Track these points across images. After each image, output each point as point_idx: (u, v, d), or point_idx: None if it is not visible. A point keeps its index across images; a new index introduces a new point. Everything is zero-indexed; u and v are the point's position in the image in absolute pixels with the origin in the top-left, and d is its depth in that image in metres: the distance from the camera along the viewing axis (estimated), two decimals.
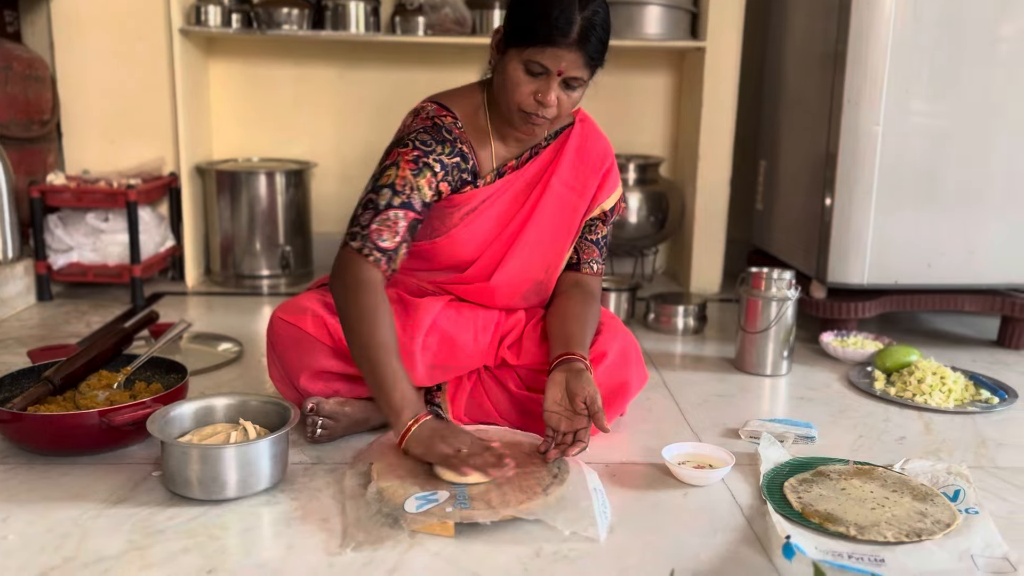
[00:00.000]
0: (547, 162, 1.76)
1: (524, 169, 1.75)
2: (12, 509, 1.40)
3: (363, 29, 2.94)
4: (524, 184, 1.75)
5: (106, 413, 1.55)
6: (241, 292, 2.99)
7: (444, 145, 1.64)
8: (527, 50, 1.55)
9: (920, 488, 1.52)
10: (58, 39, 2.91)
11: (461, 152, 1.67)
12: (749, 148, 3.14)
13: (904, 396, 2.03)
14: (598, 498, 1.44)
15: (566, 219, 1.78)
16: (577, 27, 1.52)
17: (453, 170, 1.66)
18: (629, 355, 1.77)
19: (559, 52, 1.53)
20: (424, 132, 1.64)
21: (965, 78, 2.30)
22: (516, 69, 1.57)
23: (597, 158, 1.79)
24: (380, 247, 1.56)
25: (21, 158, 2.72)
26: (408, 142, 1.63)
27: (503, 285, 1.77)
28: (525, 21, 1.55)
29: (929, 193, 2.36)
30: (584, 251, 1.83)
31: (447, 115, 1.68)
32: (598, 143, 1.81)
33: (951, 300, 2.46)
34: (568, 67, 1.55)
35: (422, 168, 1.61)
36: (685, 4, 2.99)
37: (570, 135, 1.78)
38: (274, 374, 1.78)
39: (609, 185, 1.81)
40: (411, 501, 1.39)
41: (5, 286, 2.59)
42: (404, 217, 1.58)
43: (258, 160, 3.20)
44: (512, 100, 1.60)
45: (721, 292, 3.10)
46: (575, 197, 1.77)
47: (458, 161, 1.66)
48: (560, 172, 1.75)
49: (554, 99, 1.58)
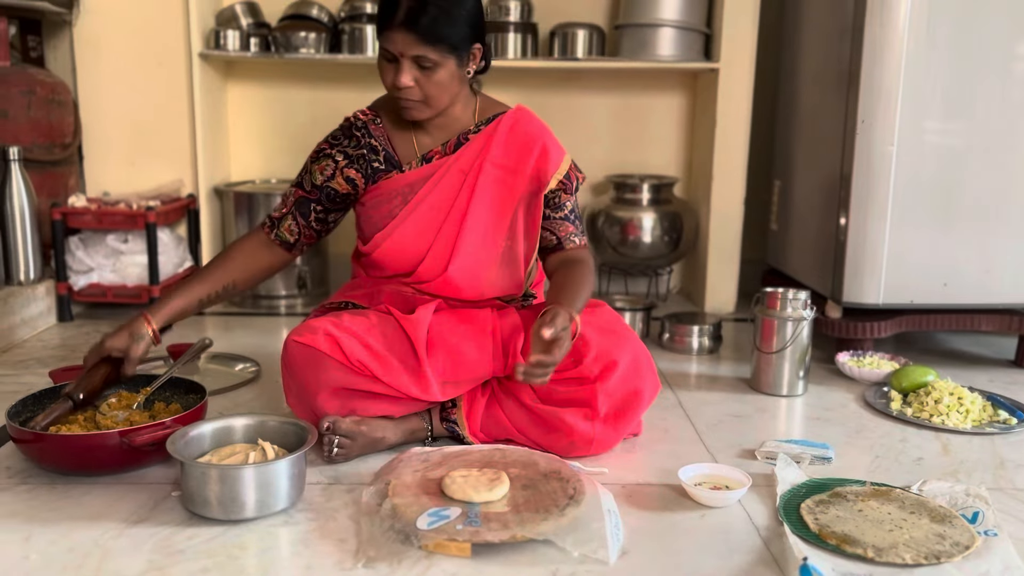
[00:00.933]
0: (480, 147, 1.82)
1: (456, 155, 1.82)
2: (34, 528, 1.42)
3: None
4: (458, 171, 1.81)
5: (126, 433, 1.56)
6: (258, 312, 3.01)
7: (351, 139, 1.84)
8: (379, 39, 1.69)
9: (938, 510, 1.51)
10: (80, 64, 2.96)
11: (370, 145, 1.83)
12: (763, 168, 3.15)
13: (921, 417, 2.02)
14: (611, 520, 1.44)
15: (507, 198, 1.82)
16: (403, 8, 1.63)
17: (359, 159, 1.83)
18: (641, 364, 1.77)
19: (392, 35, 1.65)
20: (338, 130, 1.88)
21: (980, 97, 2.30)
22: (380, 59, 1.72)
23: (528, 137, 1.83)
24: (271, 216, 1.90)
25: (43, 181, 2.76)
26: (324, 139, 1.88)
27: (461, 273, 1.81)
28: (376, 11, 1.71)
29: (944, 212, 2.36)
30: (559, 229, 1.85)
31: (368, 114, 1.86)
32: (530, 125, 1.85)
33: (967, 320, 2.45)
34: (405, 47, 1.66)
35: (320, 158, 1.86)
36: (699, 26, 3.00)
37: (501, 120, 1.84)
38: (291, 400, 1.79)
39: (552, 158, 1.82)
40: (423, 518, 1.40)
41: (27, 307, 2.62)
42: (293, 194, 1.88)
43: (275, 182, 3.23)
44: (386, 88, 1.75)
45: (736, 312, 3.10)
46: (510, 176, 1.82)
47: (364, 152, 1.83)
48: (492, 154, 1.81)
49: (406, 80, 1.68)
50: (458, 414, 1.77)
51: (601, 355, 1.72)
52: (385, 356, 1.70)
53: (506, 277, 1.85)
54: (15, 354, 2.45)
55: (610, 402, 1.72)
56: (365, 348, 1.68)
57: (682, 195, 3.31)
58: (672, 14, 2.95)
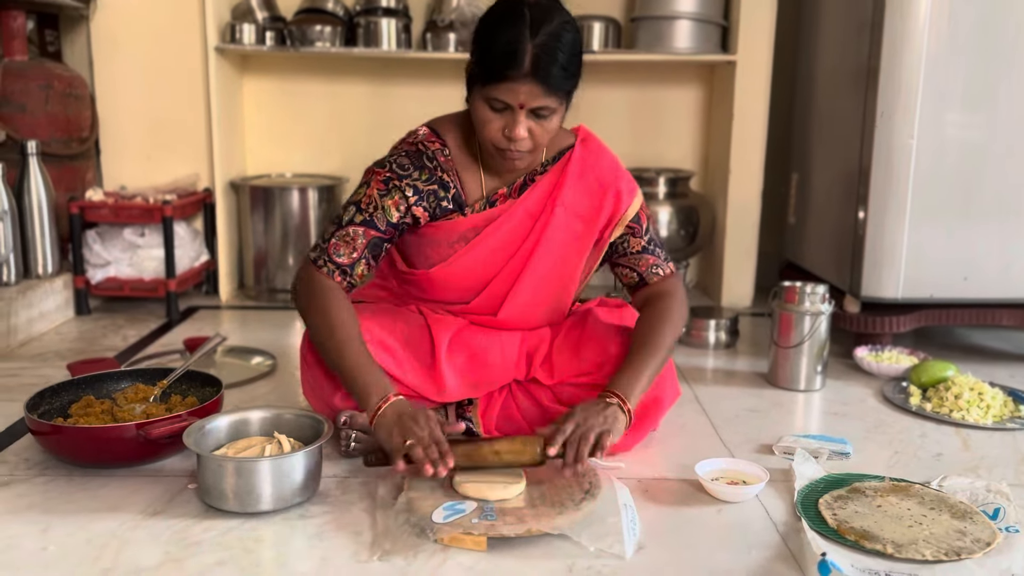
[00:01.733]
0: (549, 188, 1.70)
1: (522, 199, 1.69)
2: (52, 520, 1.43)
3: (395, 46, 2.97)
4: (524, 214, 1.69)
5: (143, 426, 1.57)
6: (274, 306, 3.02)
7: (422, 171, 1.65)
8: (487, 87, 1.51)
9: (959, 506, 1.50)
10: (97, 58, 2.97)
11: (440, 180, 1.65)
12: (781, 161, 3.12)
13: (941, 412, 2.00)
14: (627, 514, 1.43)
15: (573, 248, 1.73)
16: (529, 57, 1.47)
17: (429, 196, 1.65)
18: (662, 372, 1.76)
19: (514, 86, 1.49)
20: (404, 156, 1.66)
21: (1001, 90, 2.28)
22: (482, 107, 1.55)
23: (603, 181, 1.72)
24: (335, 261, 1.61)
25: (61, 175, 2.77)
26: (386, 163, 1.66)
27: (512, 318, 1.76)
28: (481, 57, 1.52)
29: (964, 206, 2.33)
30: (639, 264, 1.76)
31: (436, 142, 1.67)
32: (601, 162, 1.74)
33: (988, 314, 2.43)
34: (528, 99, 1.50)
35: (391, 190, 1.63)
36: (716, 18, 2.98)
37: (571, 159, 1.71)
38: (307, 390, 1.79)
39: (623, 204, 1.73)
40: (439, 511, 1.40)
41: (45, 300, 2.63)
42: (364, 235, 1.62)
43: (291, 176, 3.24)
44: (484, 137, 1.58)
45: (753, 306, 3.08)
46: (582, 225, 1.71)
47: (435, 188, 1.65)
48: (563, 198, 1.69)
49: (522, 132, 1.53)
50: (474, 411, 1.77)
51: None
52: (401, 355, 1.70)
53: (553, 312, 1.80)
54: (33, 347, 2.46)
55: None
56: (381, 346, 1.67)
57: (699, 189, 3.29)
58: (689, 6, 2.93)
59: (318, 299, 1.59)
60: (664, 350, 1.66)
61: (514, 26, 1.49)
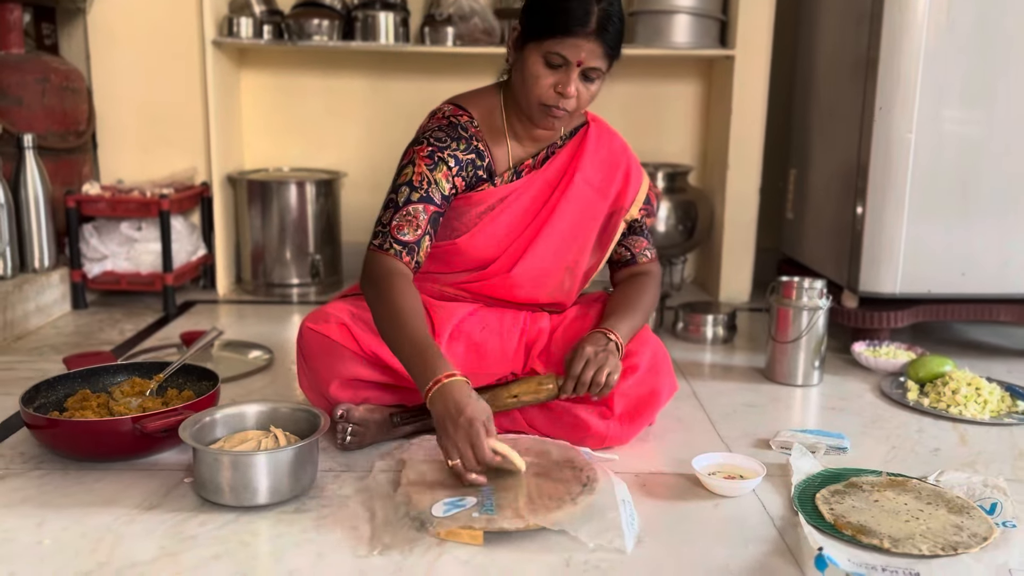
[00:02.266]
0: (568, 160, 1.78)
1: (544, 168, 1.77)
2: (47, 514, 1.42)
3: (393, 40, 2.97)
4: (544, 183, 1.77)
5: (139, 420, 1.56)
6: (271, 300, 3.01)
7: (459, 142, 1.69)
8: (547, 42, 1.58)
9: (956, 501, 1.50)
10: (94, 51, 2.96)
11: (476, 149, 1.70)
12: (779, 156, 3.12)
13: (938, 407, 2.00)
14: (626, 509, 1.43)
15: (587, 216, 1.80)
16: (596, 17, 1.55)
17: (468, 166, 1.69)
18: (659, 364, 1.77)
19: (578, 42, 1.56)
20: (439, 130, 1.69)
21: (1000, 85, 2.27)
22: (536, 63, 1.60)
23: (614, 156, 1.82)
24: (401, 240, 1.61)
25: (58, 168, 2.77)
26: (423, 140, 1.68)
27: (524, 277, 1.78)
28: (543, 14, 1.59)
29: (963, 201, 2.33)
30: (634, 245, 1.88)
31: (463, 114, 1.73)
32: (613, 141, 1.84)
33: (986, 310, 2.43)
34: (588, 57, 1.58)
35: (437, 163, 1.66)
36: (714, 12, 2.98)
37: (587, 134, 1.80)
38: (304, 383, 1.79)
39: (633, 182, 1.83)
40: (438, 505, 1.39)
41: (41, 294, 2.63)
42: (424, 211, 1.63)
43: (288, 170, 3.23)
44: (532, 93, 1.63)
45: (751, 301, 3.08)
46: (597, 196, 1.80)
47: (473, 158, 1.70)
48: (583, 169, 1.77)
49: (574, 90, 1.60)
50: None
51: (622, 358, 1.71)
52: None
53: (564, 289, 1.84)
54: (29, 341, 2.46)
55: (625, 402, 1.71)
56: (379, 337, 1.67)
57: (697, 183, 3.29)
58: (688, 1, 2.93)
59: (386, 283, 1.57)
60: (644, 313, 1.79)
61: None
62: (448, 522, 1.35)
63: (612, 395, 1.69)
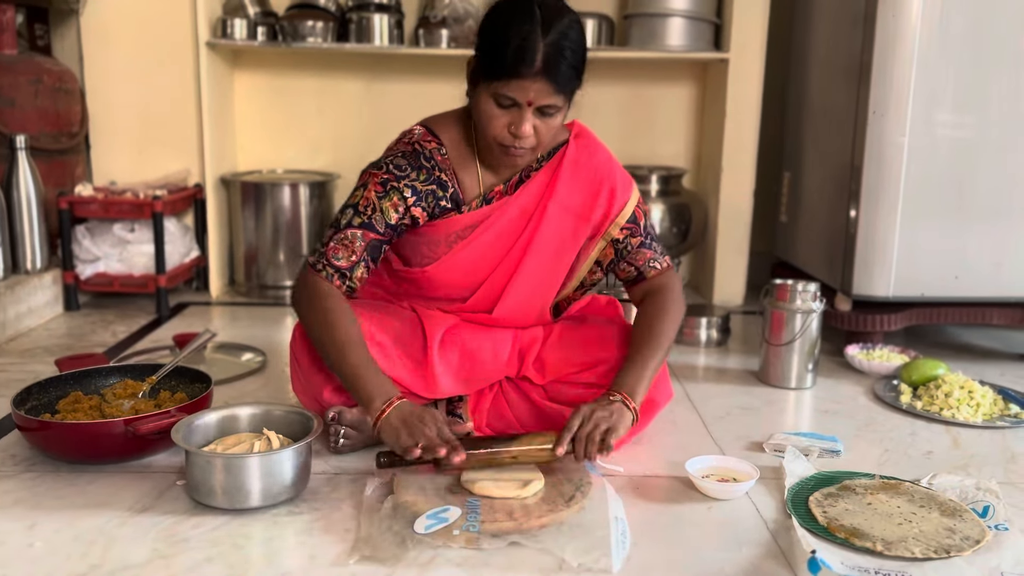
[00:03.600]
0: (543, 186, 1.70)
1: (516, 195, 1.69)
2: (39, 516, 1.42)
3: (387, 42, 2.96)
4: (519, 211, 1.69)
5: (131, 422, 1.56)
6: (265, 302, 3.01)
7: (420, 172, 1.64)
8: (494, 83, 1.52)
9: (948, 504, 1.50)
10: (87, 52, 2.95)
11: (439, 180, 1.65)
12: (773, 159, 3.13)
13: (931, 410, 2.00)
14: (617, 527, 1.39)
15: (568, 245, 1.72)
16: (540, 55, 1.48)
17: (427, 196, 1.64)
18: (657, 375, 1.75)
19: (524, 83, 1.49)
20: (401, 156, 1.65)
21: (993, 89, 2.28)
22: (487, 102, 1.55)
23: (596, 177, 1.72)
24: (334, 265, 1.61)
25: (50, 169, 2.76)
26: (383, 164, 1.65)
27: (506, 315, 1.75)
28: (489, 53, 1.52)
29: (956, 205, 2.34)
30: (637, 259, 1.77)
31: (432, 141, 1.67)
32: (595, 158, 1.73)
33: (979, 313, 2.43)
34: (537, 96, 1.51)
35: (388, 192, 1.62)
36: (708, 16, 2.98)
37: (565, 154, 1.71)
38: (297, 386, 1.78)
39: (618, 200, 1.73)
40: (421, 521, 1.37)
41: (33, 296, 2.62)
42: (363, 237, 1.61)
43: (282, 172, 3.23)
44: (488, 133, 1.58)
45: (744, 304, 3.08)
46: (576, 220, 1.71)
47: (434, 188, 1.65)
48: (558, 196, 1.69)
49: (528, 130, 1.54)
50: (464, 408, 1.76)
51: (617, 366, 1.69)
52: (392, 351, 1.69)
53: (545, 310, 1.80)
54: (21, 342, 2.45)
55: None
56: (371, 342, 1.66)
57: (691, 186, 3.29)
58: (682, 4, 2.93)
59: (318, 303, 1.59)
60: (665, 347, 1.68)
61: (525, 23, 1.49)
62: (429, 539, 1.33)
63: None
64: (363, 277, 1.64)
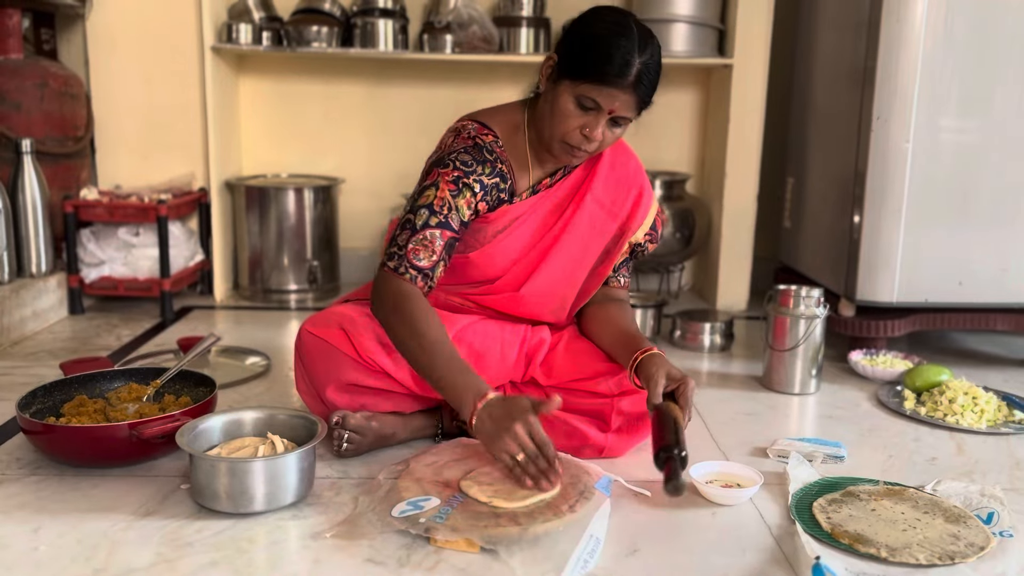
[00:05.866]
0: (580, 180, 1.76)
1: (557, 187, 1.75)
2: (43, 520, 1.42)
3: (392, 47, 2.97)
4: (555, 203, 1.75)
5: (136, 426, 1.56)
6: (269, 307, 3.01)
7: (484, 165, 1.65)
8: (582, 85, 1.55)
9: (953, 510, 1.50)
10: (93, 57, 2.96)
11: (501, 172, 1.67)
12: (777, 165, 3.13)
13: (935, 416, 2.00)
14: (587, 545, 1.34)
15: (595, 237, 1.77)
16: (635, 70, 1.54)
17: (492, 190, 1.66)
18: None
19: (614, 92, 1.54)
20: (465, 152, 1.65)
21: (997, 94, 2.28)
22: (567, 101, 1.58)
23: (627, 177, 1.79)
24: (416, 266, 1.59)
25: (56, 173, 2.76)
26: (449, 162, 1.64)
27: (531, 295, 1.77)
28: (583, 56, 1.55)
29: (960, 210, 2.34)
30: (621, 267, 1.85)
31: (488, 134, 1.69)
32: (629, 161, 1.81)
33: (983, 319, 2.43)
34: (621, 107, 1.57)
35: (461, 189, 1.62)
36: (712, 21, 2.99)
37: (603, 155, 1.77)
38: (301, 387, 1.78)
39: (643, 207, 1.80)
40: (400, 506, 1.41)
41: (38, 299, 2.62)
42: (441, 236, 1.60)
43: (287, 176, 3.24)
44: (558, 130, 1.61)
45: (748, 309, 3.08)
46: (606, 216, 1.77)
47: (497, 181, 1.67)
48: (594, 190, 1.75)
49: (600, 134, 1.59)
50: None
51: (624, 378, 1.71)
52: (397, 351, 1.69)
53: (565, 308, 1.82)
54: (26, 346, 2.45)
55: (623, 418, 1.72)
56: (378, 343, 1.67)
57: (694, 192, 3.29)
58: (686, 9, 2.94)
59: (403, 305, 1.57)
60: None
61: (626, 37, 1.55)
62: (397, 523, 1.36)
63: (610, 413, 1.70)
64: (441, 275, 1.64)
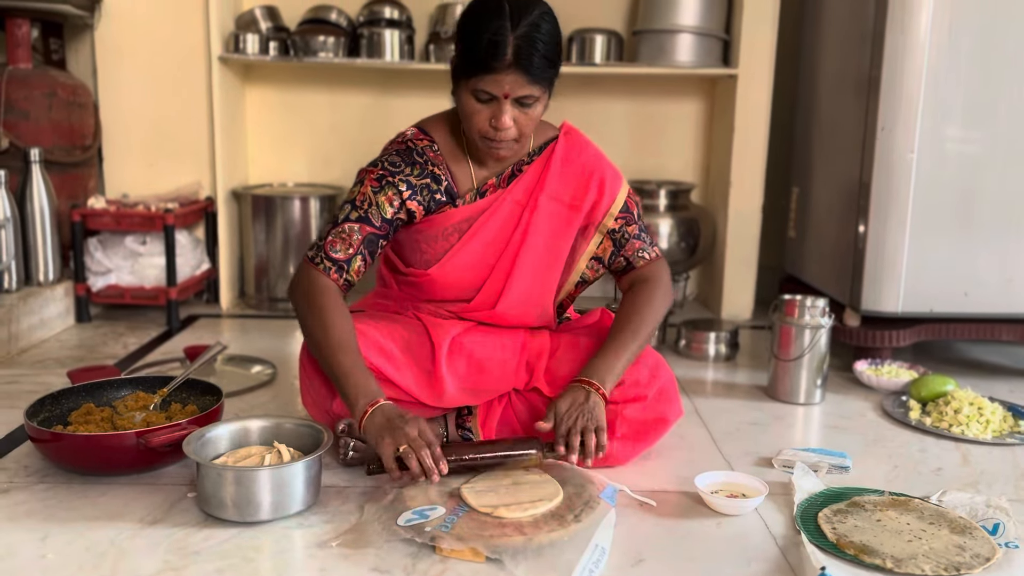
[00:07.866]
0: (534, 180, 1.75)
1: (510, 188, 1.74)
2: (51, 528, 1.43)
3: (398, 57, 2.99)
4: (513, 204, 1.74)
5: (143, 434, 1.57)
6: (275, 315, 3.02)
7: (414, 167, 1.69)
8: (471, 79, 1.57)
9: (958, 521, 1.50)
10: (101, 67, 2.98)
11: (432, 174, 1.70)
12: (781, 175, 3.13)
13: (940, 426, 2.00)
14: (592, 555, 1.35)
15: (559, 236, 1.77)
16: (511, 48, 1.53)
17: (422, 191, 1.69)
18: (669, 393, 1.76)
19: (498, 77, 1.55)
20: (396, 154, 1.71)
21: (1002, 104, 2.28)
22: (468, 99, 1.60)
23: (585, 169, 1.77)
24: (332, 257, 1.64)
25: (63, 182, 2.78)
26: (378, 163, 1.71)
27: (510, 311, 1.78)
28: (464, 51, 1.58)
29: (966, 220, 2.34)
30: (626, 249, 1.80)
31: (424, 139, 1.73)
32: (583, 154, 1.79)
33: (988, 329, 2.43)
34: (512, 88, 1.56)
35: (384, 186, 1.67)
36: (717, 32, 3.00)
37: (554, 149, 1.77)
38: (307, 399, 1.79)
39: (608, 191, 1.77)
40: (406, 514, 1.42)
41: (46, 308, 2.63)
42: (360, 231, 1.65)
43: (293, 185, 3.25)
44: (471, 129, 1.64)
45: (753, 319, 3.08)
46: (568, 212, 1.76)
47: (428, 182, 1.70)
48: (548, 189, 1.74)
49: (508, 121, 1.59)
50: (473, 422, 1.76)
51: (630, 386, 1.71)
52: (400, 359, 1.70)
53: (550, 311, 1.82)
54: (33, 354, 2.46)
55: (629, 426, 1.71)
56: (378, 350, 1.67)
57: (699, 201, 3.30)
58: (691, 20, 2.95)
59: (315, 299, 1.62)
60: (644, 336, 1.72)
61: (495, 19, 1.54)
62: (403, 532, 1.37)
63: (615, 420, 1.69)
64: (360, 270, 1.66)
